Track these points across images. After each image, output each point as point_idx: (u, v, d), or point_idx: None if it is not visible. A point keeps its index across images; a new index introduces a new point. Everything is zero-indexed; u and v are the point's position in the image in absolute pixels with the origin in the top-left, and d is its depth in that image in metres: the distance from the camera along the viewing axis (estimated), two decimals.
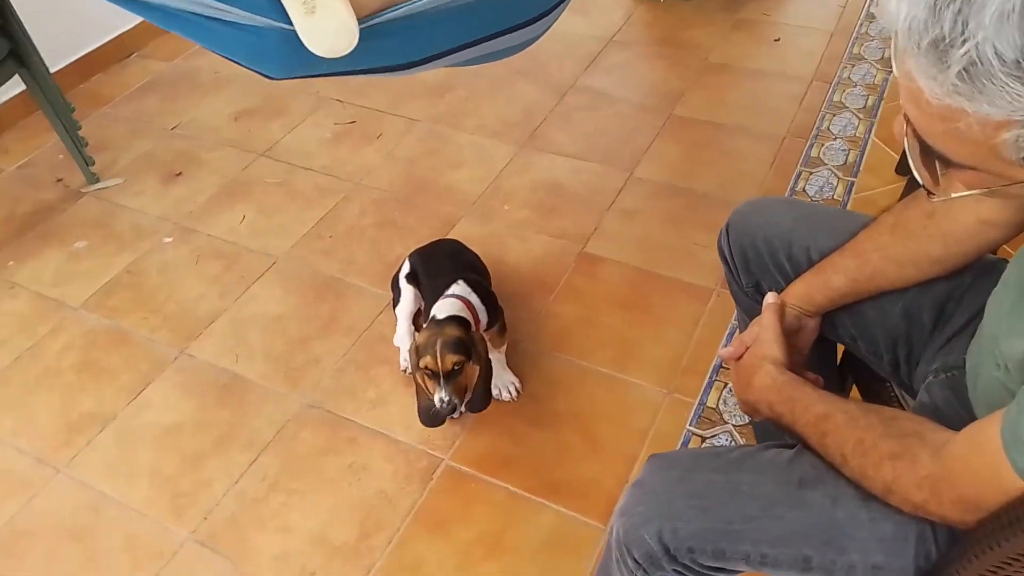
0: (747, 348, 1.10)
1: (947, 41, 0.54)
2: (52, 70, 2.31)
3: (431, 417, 1.58)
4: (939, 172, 0.66)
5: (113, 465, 1.68)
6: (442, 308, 1.60)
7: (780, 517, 0.90)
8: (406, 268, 1.83)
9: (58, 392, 1.83)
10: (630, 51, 2.88)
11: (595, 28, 2.95)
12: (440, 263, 1.78)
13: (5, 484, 1.66)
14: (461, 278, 1.68)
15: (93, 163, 2.42)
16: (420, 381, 1.55)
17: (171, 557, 1.52)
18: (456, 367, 1.49)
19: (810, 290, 1.10)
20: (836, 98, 2.53)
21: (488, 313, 1.66)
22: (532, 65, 2.70)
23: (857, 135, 2.37)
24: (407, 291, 1.81)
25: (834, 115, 2.45)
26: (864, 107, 2.49)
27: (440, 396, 1.48)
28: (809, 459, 0.93)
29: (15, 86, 2.30)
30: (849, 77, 2.62)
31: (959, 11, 0.53)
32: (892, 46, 0.59)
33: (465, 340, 1.52)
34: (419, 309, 1.82)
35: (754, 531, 0.90)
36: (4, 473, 1.68)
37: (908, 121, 0.63)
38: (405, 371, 1.78)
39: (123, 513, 1.59)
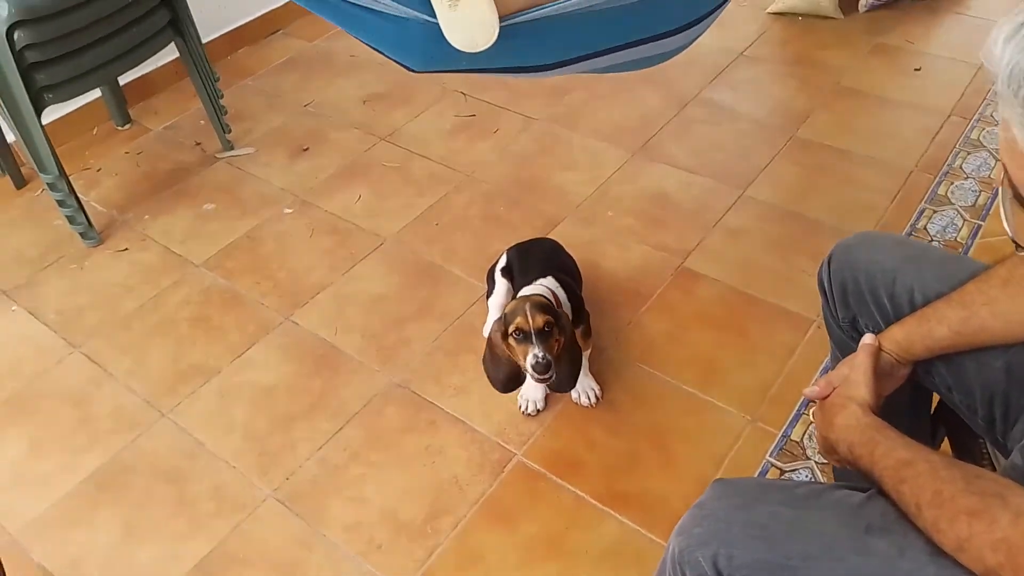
0: (834, 389, 1.07)
1: None
2: (204, 41, 2.47)
3: (510, 380, 1.59)
4: None
5: (211, 417, 1.80)
6: (527, 290, 1.64)
7: (841, 559, 0.87)
8: (502, 262, 1.87)
9: (172, 342, 1.97)
10: (759, 67, 2.81)
11: (726, 41, 2.90)
12: (535, 261, 1.80)
13: (116, 420, 1.80)
14: (552, 275, 1.70)
15: (230, 131, 2.58)
16: (507, 349, 1.56)
17: (252, 511, 1.61)
18: (547, 327, 1.50)
19: (911, 337, 1.06)
20: (974, 136, 2.39)
21: (572, 312, 1.68)
22: (656, 73, 2.64)
23: (992, 177, 2.24)
24: (501, 284, 1.84)
25: (969, 153, 2.32)
26: None
27: (535, 352, 1.48)
28: (880, 505, 0.90)
29: (170, 53, 2.47)
30: (992, 115, 2.47)
31: None
32: (996, 91, 0.57)
33: (552, 306, 1.55)
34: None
35: (812, 570, 0.88)
36: (116, 409, 1.82)
37: (1005, 170, 0.61)
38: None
39: (214, 463, 1.70)
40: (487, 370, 1.64)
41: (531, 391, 1.74)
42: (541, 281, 1.68)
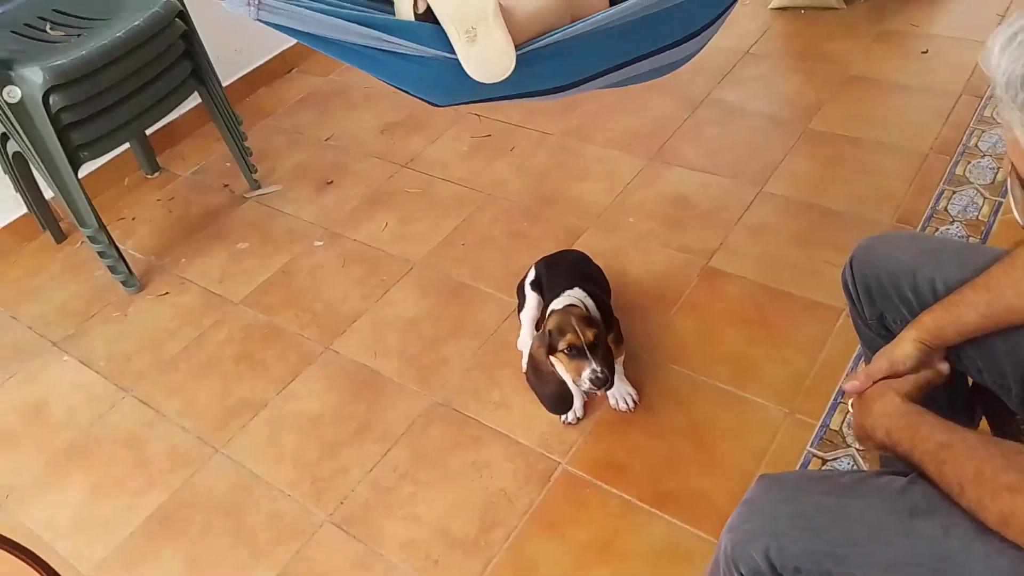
0: (873, 383, 1.10)
1: None
2: (223, 85, 2.55)
3: (560, 398, 1.63)
4: None
5: (263, 448, 1.86)
6: (558, 302, 1.69)
7: (889, 544, 0.90)
8: (531, 275, 1.91)
9: (218, 379, 2.04)
10: (766, 64, 2.85)
11: (730, 40, 2.93)
12: (563, 272, 1.85)
13: (172, 459, 1.87)
14: (579, 286, 1.74)
15: (256, 171, 2.66)
16: (553, 365, 1.61)
17: (310, 536, 1.67)
18: (596, 340, 1.55)
19: (940, 324, 1.08)
20: (987, 113, 2.40)
21: (602, 320, 1.72)
22: (664, 79, 2.68)
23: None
24: (531, 297, 1.88)
25: (984, 131, 2.34)
26: None
27: (592, 367, 1.54)
28: (922, 489, 0.93)
29: (192, 100, 2.56)
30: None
31: None
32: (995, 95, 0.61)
33: (594, 317, 1.60)
34: (541, 315, 1.90)
35: (861, 556, 0.91)
36: (170, 448, 1.89)
37: (1012, 165, 0.65)
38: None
39: (269, 493, 1.76)
40: (533, 386, 1.69)
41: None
42: (569, 293, 1.73)
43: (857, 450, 1.62)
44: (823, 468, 1.61)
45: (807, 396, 1.74)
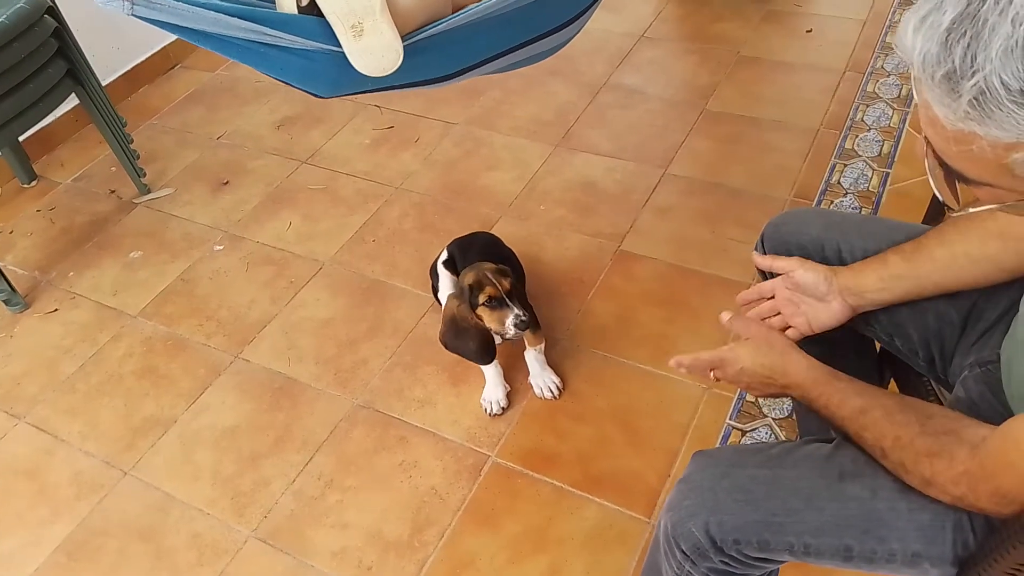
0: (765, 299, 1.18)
1: (958, 74, 0.59)
2: (102, 84, 2.40)
3: (484, 347, 1.66)
4: (958, 189, 0.70)
5: (176, 467, 1.77)
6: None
7: (822, 509, 0.94)
8: (444, 255, 1.90)
9: (121, 397, 1.92)
10: (661, 47, 2.90)
11: (625, 25, 2.98)
12: (475, 253, 1.85)
13: (77, 486, 1.75)
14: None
15: (144, 174, 2.52)
16: (478, 318, 1.63)
17: (235, 554, 1.60)
18: (512, 287, 1.61)
19: (866, 267, 1.10)
20: (870, 88, 2.53)
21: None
22: (564, 64, 2.74)
23: (891, 125, 2.38)
24: (444, 276, 1.87)
25: (868, 106, 2.46)
26: (898, 96, 2.49)
27: (515, 313, 1.59)
28: (849, 452, 0.97)
29: (69, 101, 2.39)
30: (882, 67, 2.62)
31: (968, 46, 0.58)
32: (912, 76, 0.63)
33: (504, 267, 1.66)
34: None
35: (797, 523, 0.94)
36: (75, 475, 1.77)
37: (928, 143, 0.68)
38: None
39: (187, 512, 1.68)
40: (453, 347, 1.69)
41: (492, 392, 1.77)
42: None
43: (774, 419, 1.68)
44: (744, 439, 1.66)
45: None
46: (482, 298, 1.60)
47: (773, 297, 1.20)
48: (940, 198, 0.70)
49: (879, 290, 1.10)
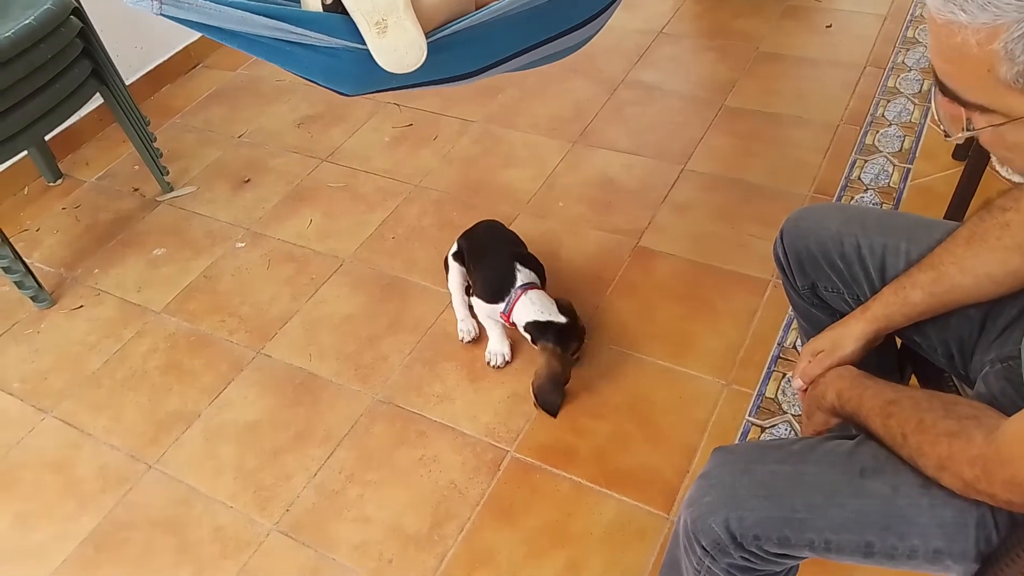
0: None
1: None
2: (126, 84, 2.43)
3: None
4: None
5: (199, 461, 1.79)
6: (529, 312, 1.76)
7: (842, 505, 0.94)
8: (454, 248, 1.99)
9: (146, 392, 1.95)
10: (679, 44, 2.89)
11: (644, 22, 2.97)
12: (480, 239, 1.95)
13: (103, 479, 1.78)
14: (512, 257, 1.85)
15: (167, 172, 2.55)
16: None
17: (257, 547, 1.62)
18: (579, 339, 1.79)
19: (888, 311, 1.11)
20: (890, 84, 2.51)
21: (539, 277, 1.88)
22: (582, 61, 2.73)
23: (912, 121, 2.36)
24: (454, 268, 1.97)
25: (888, 101, 2.44)
26: (919, 92, 2.47)
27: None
28: (870, 448, 0.97)
29: (94, 101, 2.42)
30: (903, 62, 2.60)
31: None
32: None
33: (560, 321, 1.76)
34: (468, 284, 1.98)
35: (817, 519, 0.94)
36: (100, 468, 1.80)
37: (935, 72, 0.70)
38: (463, 340, 1.93)
39: (211, 506, 1.70)
40: (551, 403, 1.73)
41: (496, 344, 1.84)
42: (521, 281, 1.79)
43: (793, 415, 1.68)
44: (763, 435, 1.66)
45: (742, 367, 1.79)
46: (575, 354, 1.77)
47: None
48: (940, 126, 0.75)
49: (905, 321, 1.11)
